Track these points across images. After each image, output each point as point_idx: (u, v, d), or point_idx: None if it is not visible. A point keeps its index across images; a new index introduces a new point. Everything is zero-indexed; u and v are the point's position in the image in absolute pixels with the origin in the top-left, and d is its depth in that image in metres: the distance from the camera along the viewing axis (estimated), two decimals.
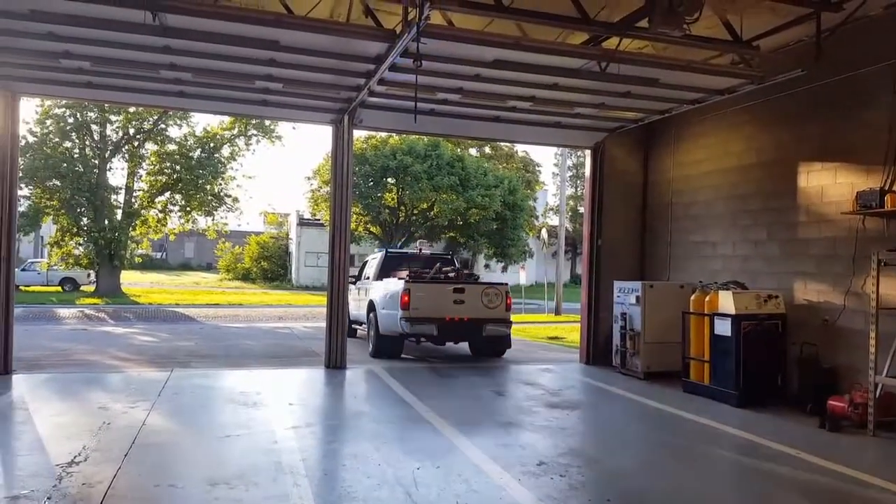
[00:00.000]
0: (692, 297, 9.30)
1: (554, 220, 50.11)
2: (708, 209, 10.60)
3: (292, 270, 43.14)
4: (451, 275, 12.65)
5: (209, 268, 54.74)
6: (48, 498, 4.43)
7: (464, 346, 13.33)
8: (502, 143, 42.98)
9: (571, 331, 18.69)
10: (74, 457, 5.34)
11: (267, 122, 30.76)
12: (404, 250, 17.22)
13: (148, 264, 51.14)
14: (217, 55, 7.57)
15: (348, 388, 9.37)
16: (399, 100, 9.69)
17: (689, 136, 11.12)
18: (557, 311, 23.65)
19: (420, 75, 8.22)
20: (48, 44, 7.30)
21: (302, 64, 7.88)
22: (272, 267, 44.62)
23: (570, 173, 50.56)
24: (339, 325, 10.63)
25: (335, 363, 10.55)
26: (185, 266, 60.09)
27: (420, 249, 15.55)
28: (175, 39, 7.02)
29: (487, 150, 40.96)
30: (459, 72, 8.29)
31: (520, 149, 45.36)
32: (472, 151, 39.09)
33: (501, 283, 12.78)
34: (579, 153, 49.82)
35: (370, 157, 29.85)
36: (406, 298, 11.50)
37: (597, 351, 11.83)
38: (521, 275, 25.00)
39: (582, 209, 50.38)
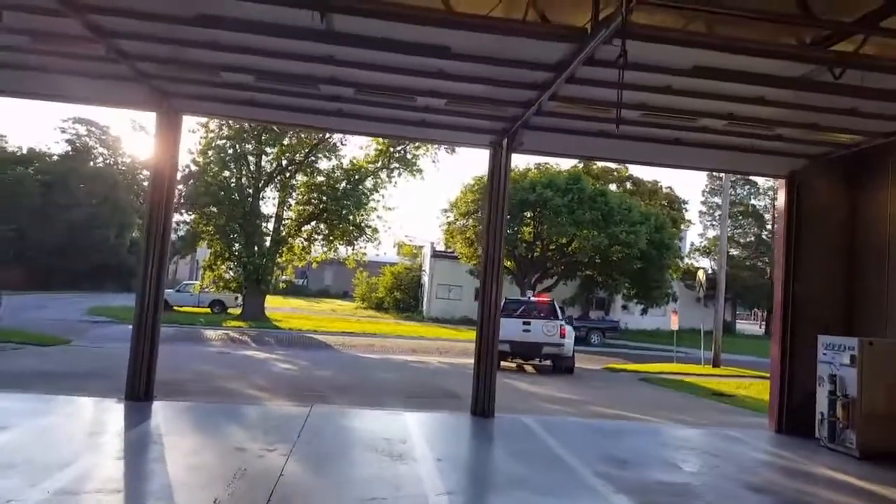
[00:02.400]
0: None
1: (700, 262, 46.62)
2: None
3: (424, 302, 43.10)
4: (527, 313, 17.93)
5: (345, 295, 56.36)
6: None
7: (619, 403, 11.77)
8: (646, 178, 40.73)
9: (738, 387, 16.45)
10: None
11: (409, 157, 31.17)
12: (518, 298, 22.57)
13: (290, 290, 53.43)
14: (382, 66, 6.93)
15: (501, 444, 8.22)
16: (567, 118, 8.63)
17: None
18: (715, 363, 21.17)
19: (598, 87, 7.17)
20: (212, 54, 7.02)
21: (470, 75, 7.07)
22: (404, 297, 44.85)
23: (718, 212, 46.86)
24: (489, 367, 9.55)
25: (482, 410, 9.45)
26: (324, 293, 62.37)
27: (529, 297, 21.35)
28: (339, 47, 6.45)
29: (629, 185, 38.87)
30: (648, 82, 7.08)
31: (664, 183, 42.81)
32: (612, 187, 37.25)
33: (558, 320, 17.55)
34: (739, 188, 46.14)
35: (508, 190, 29.07)
36: None
37: (791, 417, 9.85)
38: (673, 320, 22.76)
39: (734, 251, 46.48)
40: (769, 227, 44.57)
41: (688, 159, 10.06)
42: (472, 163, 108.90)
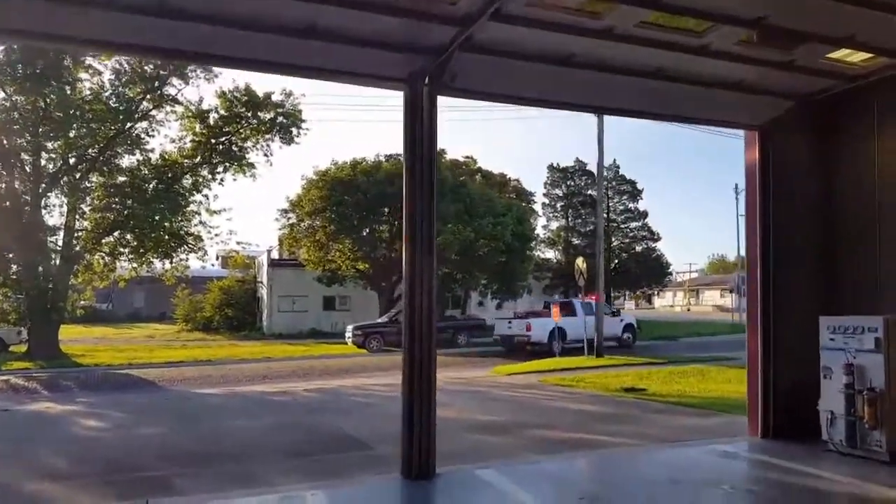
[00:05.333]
0: None
1: (546, 254, 46.79)
2: None
3: (263, 317, 38.20)
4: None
5: (163, 318, 48.88)
6: None
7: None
8: (494, 171, 39.57)
9: (640, 377, 14.89)
10: None
11: (235, 149, 26.66)
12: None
13: (92, 317, 45.35)
14: None
15: None
16: (533, 28, 5.84)
17: None
18: (599, 353, 19.83)
19: None
20: None
21: None
22: (238, 314, 39.42)
23: (561, 203, 47.42)
24: (427, 405, 6.48)
25: (420, 469, 6.35)
26: (135, 317, 53.84)
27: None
28: None
29: (479, 178, 37.38)
30: None
31: (512, 175, 42.20)
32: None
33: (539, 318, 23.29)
34: (577, 178, 46.81)
35: (362, 184, 25.84)
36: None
37: (779, 420, 7.99)
38: (555, 312, 21.13)
39: (575, 241, 47.19)
40: (605, 216, 45.85)
41: (659, 103, 7.74)
42: (317, 154, 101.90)
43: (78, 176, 25.04)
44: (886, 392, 6.71)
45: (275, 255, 38.91)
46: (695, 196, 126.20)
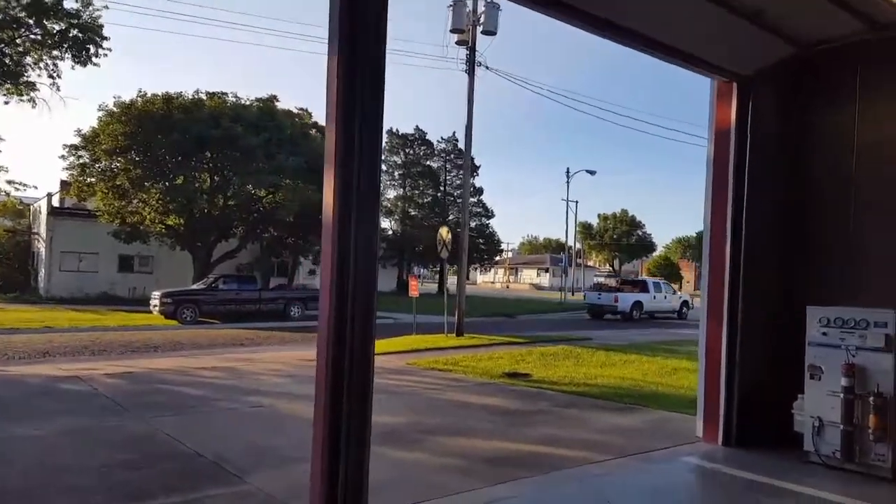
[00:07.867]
0: None
1: (381, 223, 44.64)
2: None
3: (40, 277, 31.56)
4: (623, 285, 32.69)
5: None
6: None
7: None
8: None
9: (516, 361, 13.63)
10: None
11: (10, 64, 21.21)
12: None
13: None
14: None
15: None
16: None
17: None
18: (460, 332, 18.36)
19: None
20: None
21: None
22: (7, 272, 32.27)
23: (400, 171, 45.44)
24: (360, 424, 4.15)
25: None
26: None
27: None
28: None
29: (314, 132, 34.04)
30: None
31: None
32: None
33: (623, 293, 30.02)
34: (416, 147, 44.99)
35: (179, 122, 21.56)
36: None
37: (743, 425, 6.91)
38: (412, 286, 19.26)
39: (412, 211, 45.51)
40: (443, 188, 45.00)
41: (654, 24, 5.97)
42: (113, 83, 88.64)
43: None
44: (894, 398, 5.75)
45: (57, 201, 32.37)
46: (520, 175, 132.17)
